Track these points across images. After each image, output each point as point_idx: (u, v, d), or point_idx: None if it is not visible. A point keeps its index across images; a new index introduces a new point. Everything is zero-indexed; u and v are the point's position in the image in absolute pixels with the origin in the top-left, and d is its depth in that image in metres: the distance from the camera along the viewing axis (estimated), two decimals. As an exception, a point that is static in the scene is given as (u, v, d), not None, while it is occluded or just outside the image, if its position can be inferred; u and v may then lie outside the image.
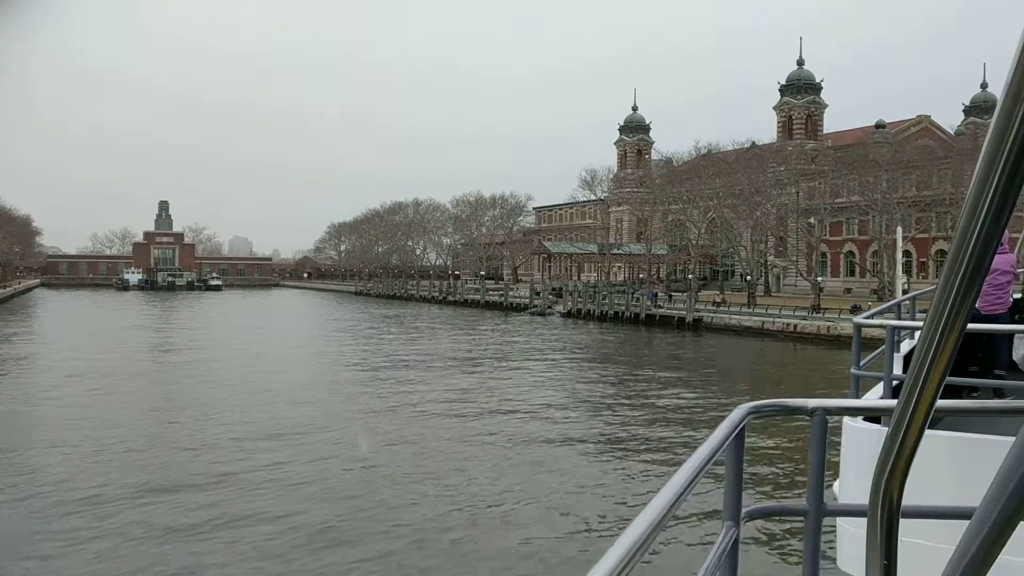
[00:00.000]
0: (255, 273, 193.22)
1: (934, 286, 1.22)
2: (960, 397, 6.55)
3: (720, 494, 2.50)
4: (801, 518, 2.65)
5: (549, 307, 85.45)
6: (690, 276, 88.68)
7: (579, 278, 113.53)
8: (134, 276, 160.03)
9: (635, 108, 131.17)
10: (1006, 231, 3.59)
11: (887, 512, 1.40)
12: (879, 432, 4.98)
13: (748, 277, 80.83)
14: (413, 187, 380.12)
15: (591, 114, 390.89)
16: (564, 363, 44.37)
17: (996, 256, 4.45)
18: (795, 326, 58.19)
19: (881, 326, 6.18)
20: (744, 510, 2.43)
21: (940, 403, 1.33)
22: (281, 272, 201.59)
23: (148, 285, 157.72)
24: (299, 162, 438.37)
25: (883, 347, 6.13)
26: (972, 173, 0.93)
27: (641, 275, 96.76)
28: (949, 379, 3.31)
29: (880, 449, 1.41)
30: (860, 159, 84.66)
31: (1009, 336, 7.93)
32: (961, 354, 4.85)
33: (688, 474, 1.83)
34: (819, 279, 74.27)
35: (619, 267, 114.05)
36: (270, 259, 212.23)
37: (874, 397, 6.21)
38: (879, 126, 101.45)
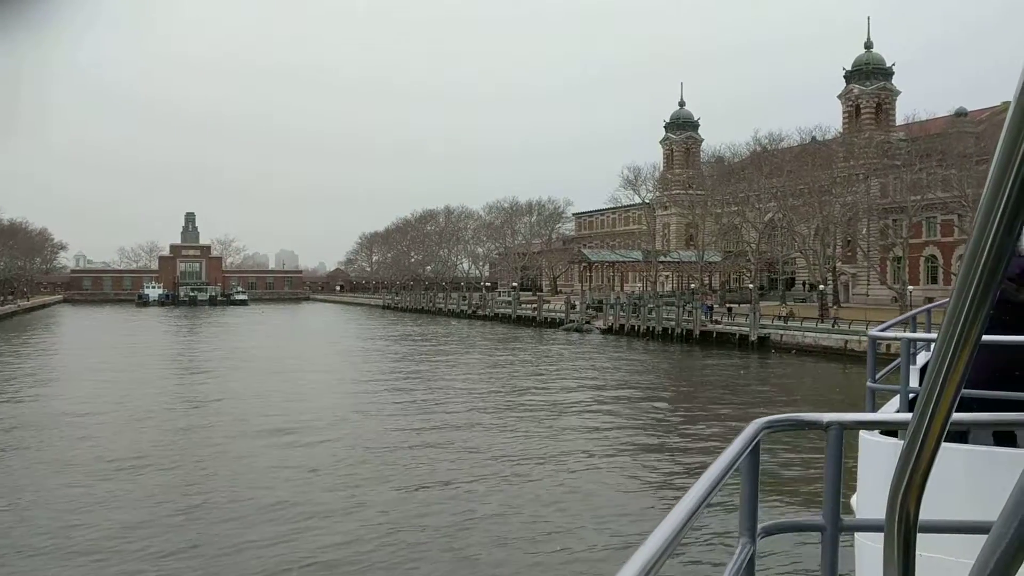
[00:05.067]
0: (285, 286, 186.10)
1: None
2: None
3: (735, 509, 2.44)
4: (818, 533, 2.66)
5: (587, 322, 75.35)
6: (750, 285, 77.91)
7: (622, 289, 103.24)
8: (154, 291, 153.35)
9: (682, 103, 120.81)
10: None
11: (904, 527, 1.40)
12: (896, 446, 4.79)
13: (822, 286, 69.87)
14: (456, 199, 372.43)
15: (635, 116, 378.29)
16: (600, 402, 34.35)
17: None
18: (887, 346, 47.31)
19: (896, 339, 6.02)
20: (760, 526, 2.42)
21: (956, 416, 1.33)
22: (312, 285, 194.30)
23: (169, 300, 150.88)
24: (352, 177, 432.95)
25: (899, 360, 6.17)
26: None
27: (692, 284, 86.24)
28: (965, 392, 3.17)
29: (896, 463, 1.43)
30: (946, 150, 73.65)
31: None
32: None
33: (702, 490, 1.82)
34: (909, 288, 63.20)
35: (667, 276, 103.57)
36: (300, 272, 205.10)
37: (890, 410, 5.96)
38: (959, 114, 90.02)
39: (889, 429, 5.00)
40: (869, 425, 4.62)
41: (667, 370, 47.42)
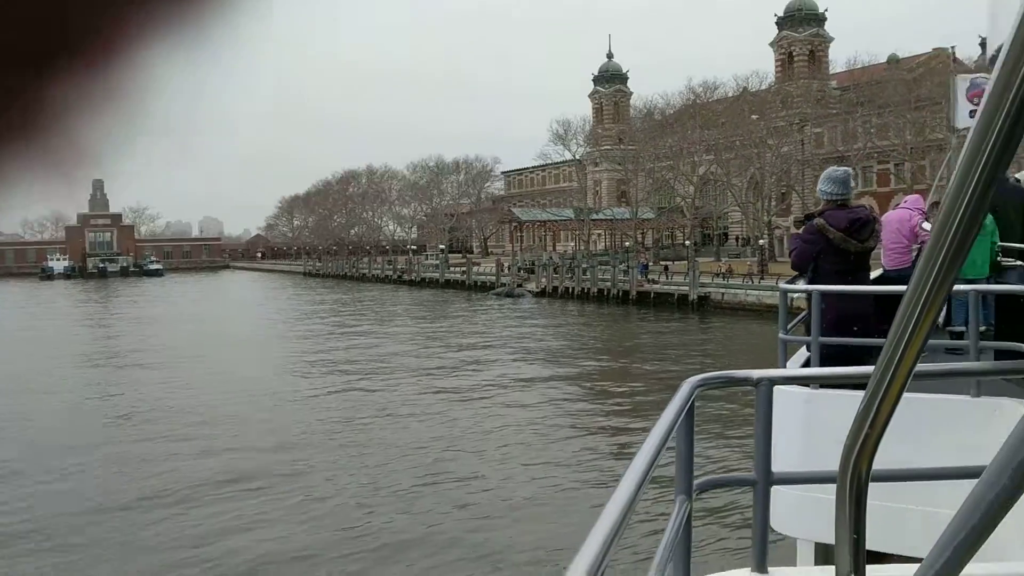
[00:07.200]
0: (202, 255, 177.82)
1: None
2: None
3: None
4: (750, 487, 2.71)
5: (519, 285, 71.60)
6: (686, 242, 75.13)
7: (555, 248, 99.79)
8: (59, 263, 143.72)
9: (610, 55, 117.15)
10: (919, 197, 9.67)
11: (856, 484, 1.40)
12: (807, 394, 5.38)
13: (761, 241, 67.33)
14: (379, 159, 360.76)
15: (568, 71, 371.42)
16: (535, 373, 30.58)
17: (899, 211, 9.08)
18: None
19: (807, 291, 6.14)
20: (695, 482, 2.47)
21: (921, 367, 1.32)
22: (232, 252, 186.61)
23: (76, 272, 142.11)
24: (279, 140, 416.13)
25: (806, 312, 6.32)
26: None
27: (627, 243, 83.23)
28: (871, 341, 5.38)
29: (813, 413, 1.45)
30: (882, 98, 71.67)
31: None
32: (884, 315, 6.16)
33: (650, 454, 1.84)
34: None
35: (599, 234, 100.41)
36: (219, 239, 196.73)
37: (799, 360, 6.39)
38: (892, 61, 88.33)
39: (824, 383, 5.33)
40: (799, 380, 5.10)
41: (605, 335, 44.02)
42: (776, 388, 4.72)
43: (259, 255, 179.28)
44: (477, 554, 13.19)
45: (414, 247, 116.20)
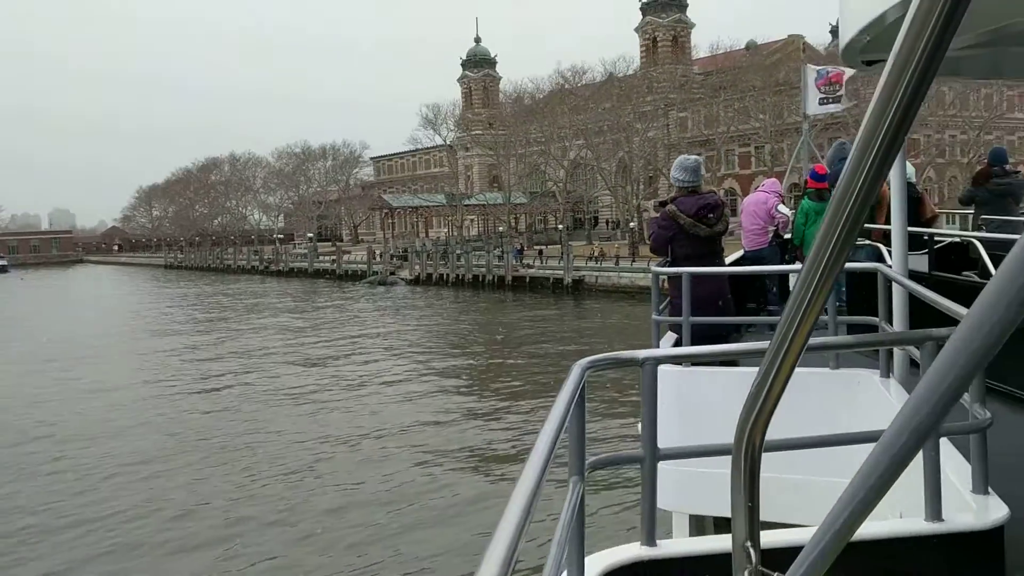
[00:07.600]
0: (52, 249, 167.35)
1: None
2: (740, 334, 7.27)
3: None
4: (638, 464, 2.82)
5: (392, 273, 70.25)
6: (558, 226, 75.51)
7: (427, 235, 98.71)
8: None
9: (478, 40, 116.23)
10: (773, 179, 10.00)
11: (751, 455, 1.46)
12: (679, 372, 5.65)
13: (632, 224, 68.34)
14: (242, 144, 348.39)
15: (437, 55, 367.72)
16: (411, 366, 29.67)
17: (757, 194, 9.61)
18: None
19: (678, 273, 6.20)
20: (587, 462, 2.54)
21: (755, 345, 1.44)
22: (86, 246, 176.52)
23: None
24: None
25: (671, 296, 6.71)
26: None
27: (500, 228, 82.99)
28: (737, 320, 7.40)
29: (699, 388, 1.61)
30: (742, 83, 73.96)
31: (779, 274, 8.51)
32: (736, 293, 7.27)
33: (550, 438, 1.88)
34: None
35: (471, 220, 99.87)
36: (70, 232, 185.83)
37: (669, 341, 6.54)
38: (750, 46, 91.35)
39: (698, 361, 5.62)
40: (683, 359, 5.17)
41: (483, 321, 43.51)
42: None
43: (116, 248, 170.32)
44: (362, 564, 12.34)
45: (281, 236, 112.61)
